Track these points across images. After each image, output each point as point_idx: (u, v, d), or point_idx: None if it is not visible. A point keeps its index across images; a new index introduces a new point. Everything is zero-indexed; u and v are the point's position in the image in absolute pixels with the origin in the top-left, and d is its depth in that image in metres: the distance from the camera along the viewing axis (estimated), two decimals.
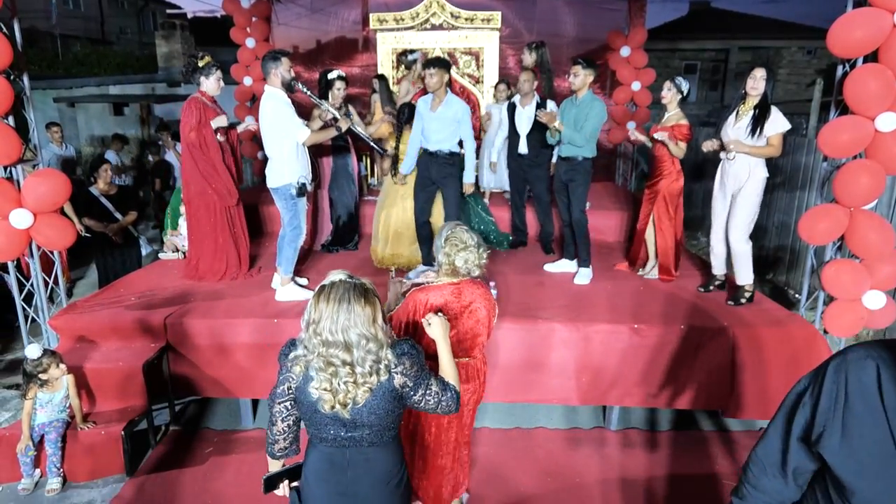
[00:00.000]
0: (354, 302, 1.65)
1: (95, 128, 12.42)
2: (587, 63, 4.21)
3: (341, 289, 1.66)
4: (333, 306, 1.64)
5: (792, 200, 6.02)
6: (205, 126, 4.12)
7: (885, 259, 3.47)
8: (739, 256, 3.99)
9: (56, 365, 3.22)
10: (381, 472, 1.79)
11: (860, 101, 3.24)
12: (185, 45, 14.49)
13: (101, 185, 5.22)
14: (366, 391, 1.68)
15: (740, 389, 3.59)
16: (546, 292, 4.22)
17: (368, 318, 1.66)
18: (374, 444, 1.77)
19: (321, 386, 1.67)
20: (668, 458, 3.49)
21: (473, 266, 2.37)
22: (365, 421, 1.72)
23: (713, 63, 20.36)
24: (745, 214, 3.90)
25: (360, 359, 1.66)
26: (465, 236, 2.37)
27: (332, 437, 1.74)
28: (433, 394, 1.81)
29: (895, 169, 3.37)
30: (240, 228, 4.52)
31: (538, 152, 4.99)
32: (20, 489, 3.18)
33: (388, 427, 1.78)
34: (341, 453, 1.76)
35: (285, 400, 1.79)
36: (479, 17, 6.74)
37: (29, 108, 3.92)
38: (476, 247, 2.37)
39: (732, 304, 3.99)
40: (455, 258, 2.35)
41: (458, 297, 2.36)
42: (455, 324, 2.34)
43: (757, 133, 3.72)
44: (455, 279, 2.40)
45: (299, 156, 3.96)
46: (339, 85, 5.00)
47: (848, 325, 3.59)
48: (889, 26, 3.11)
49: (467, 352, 2.48)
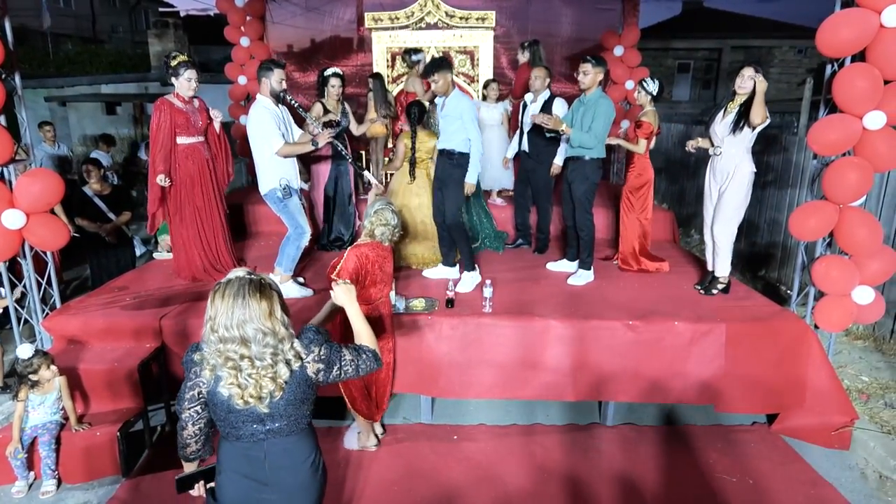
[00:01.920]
0: (249, 297, 1.68)
1: (88, 127, 12.35)
2: (597, 61, 4.13)
3: (236, 285, 1.70)
4: (228, 302, 1.68)
5: (783, 197, 6.07)
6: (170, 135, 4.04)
7: (874, 255, 3.52)
8: (721, 248, 4.06)
9: (47, 366, 3.19)
10: (299, 458, 1.84)
11: (848, 99, 3.29)
12: (178, 43, 14.42)
13: (94, 185, 5.20)
14: (280, 384, 1.72)
15: (732, 384, 3.63)
16: (542, 290, 4.25)
17: (264, 312, 1.68)
18: (291, 433, 1.81)
19: (227, 382, 1.70)
20: (663, 452, 3.52)
21: (385, 239, 3.21)
22: (282, 412, 1.76)
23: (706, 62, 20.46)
24: (729, 207, 3.95)
25: (259, 353, 1.69)
26: (388, 216, 3.20)
27: (249, 433, 1.78)
28: (348, 362, 1.87)
29: (883, 166, 3.43)
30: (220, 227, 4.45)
31: (539, 150, 4.92)
32: (14, 492, 3.16)
33: (304, 415, 1.84)
34: (258, 447, 1.80)
35: (195, 404, 1.81)
36: (473, 16, 6.75)
37: (20, 107, 3.90)
38: (394, 227, 3.21)
39: (703, 293, 4.09)
40: (375, 229, 3.17)
41: (376, 251, 3.17)
42: (378, 267, 3.15)
43: (739, 127, 3.77)
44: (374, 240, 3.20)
45: (281, 160, 4.00)
46: (333, 82, 5.00)
47: (838, 320, 3.64)
48: (876, 26, 3.16)
49: (383, 291, 3.26)
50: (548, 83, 4.92)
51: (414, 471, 3.30)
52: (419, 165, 4.69)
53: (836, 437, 3.57)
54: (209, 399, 1.78)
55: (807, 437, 3.64)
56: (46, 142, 7.10)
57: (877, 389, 4.01)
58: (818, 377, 3.62)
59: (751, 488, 3.20)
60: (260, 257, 5.06)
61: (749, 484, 3.23)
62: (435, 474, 3.28)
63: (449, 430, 3.73)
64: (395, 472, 3.29)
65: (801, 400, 3.66)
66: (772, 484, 3.23)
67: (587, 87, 4.17)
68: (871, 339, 4.73)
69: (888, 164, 3.44)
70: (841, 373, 4.09)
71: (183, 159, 4.17)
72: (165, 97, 4.10)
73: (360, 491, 3.13)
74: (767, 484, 3.23)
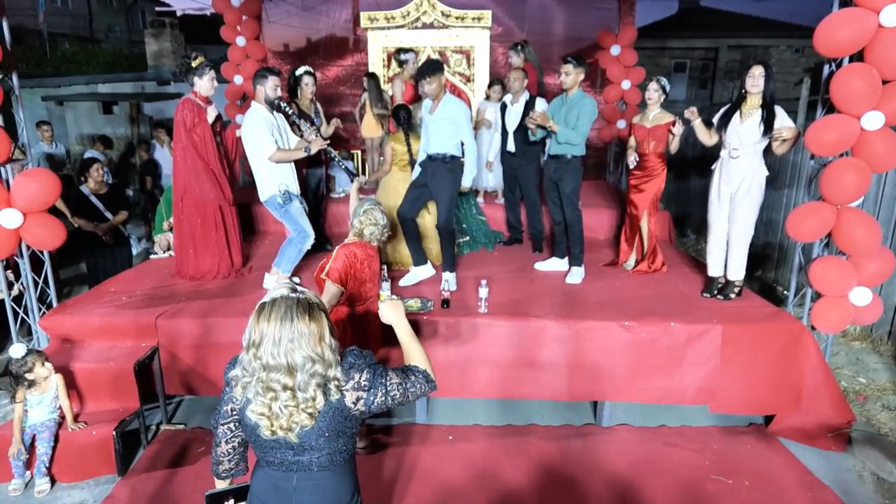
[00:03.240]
0: (298, 320, 1.51)
1: (84, 126, 12.31)
2: (577, 61, 4.22)
3: (283, 306, 1.53)
4: (275, 326, 1.51)
5: (780, 198, 6.07)
6: (200, 126, 4.08)
7: (872, 255, 3.52)
8: (739, 254, 4.02)
9: (41, 364, 3.19)
10: (330, 499, 1.67)
11: (846, 99, 3.28)
12: (174, 43, 14.39)
13: (91, 185, 5.19)
14: (312, 414, 1.55)
15: (728, 385, 3.63)
16: (538, 290, 4.25)
17: (315, 336, 1.52)
18: (324, 468, 1.64)
19: (258, 410, 1.54)
20: (658, 453, 3.52)
21: (374, 238, 3.18)
22: (313, 444, 1.60)
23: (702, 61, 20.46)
24: (749, 212, 3.91)
25: (304, 383, 1.52)
26: (377, 216, 3.17)
27: (279, 460, 1.63)
28: (395, 386, 1.66)
29: (881, 167, 3.42)
30: (232, 228, 4.49)
31: (525, 149, 5.01)
32: (10, 490, 3.16)
33: (340, 450, 1.65)
34: (288, 478, 1.64)
35: (229, 421, 1.69)
36: (469, 15, 6.75)
37: (18, 106, 3.89)
38: (383, 227, 3.18)
39: (722, 298, 4.05)
40: (364, 228, 3.15)
41: (364, 250, 3.14)
42: (367, 265, 3.12)
43: (769, 132, 3.72)
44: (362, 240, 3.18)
45: (278, 166, 4.01)
46: (306, 80, 5.01)
47: (835, 321, 3.64)
48: (874, 26, 3.15)
49: (373, 290, 3.26)
50: (525, 84, 5.03)
51: (409, 471, 3.30)
52: (405, 169, 4.69)
53: (833, 439, 3.57)
54: (241, 416, 1.64)
55: (803, 438, 3.64)
56: (44, 141, 7.07)
57: (874, 391, 4.01)
58: (815, 379, 3.62)
59: (747, 490, 3.20)
60: (267, 254, 5.01)
61: (745, 486, 3.23)
62: (430, 475, 3.28)
63: (445, 431, 3.73)
64: (390, 473, 3.29)
65: (798, 401, 3.66)
66: (768, 486, 3.23)
67: (569, 87, 4.25)
68: (868, 341, 4.74)
69: (886, 165, 3.43)
70: (838, 374, 4.10)
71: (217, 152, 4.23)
72: (188, 97, 4.13)
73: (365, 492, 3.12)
74: (763, 486, 3.23)
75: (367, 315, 3.22)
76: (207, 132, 4.12)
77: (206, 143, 4.14)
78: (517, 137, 5.02)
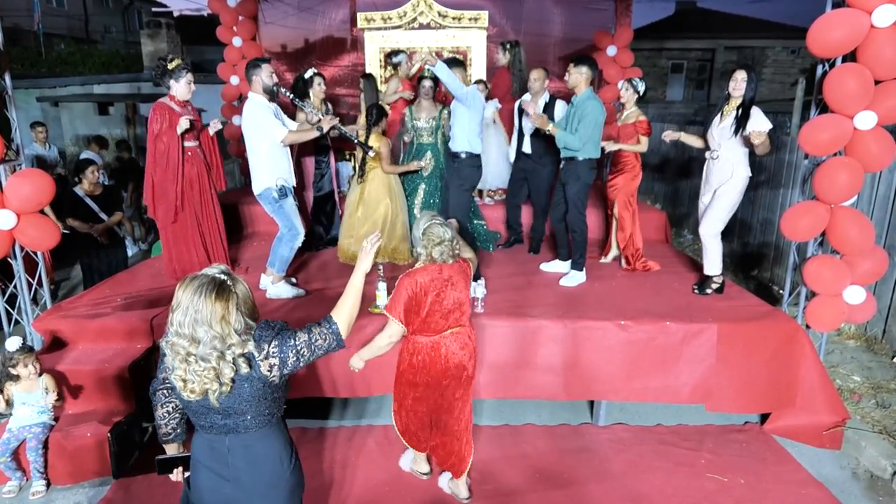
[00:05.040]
0: (206, 297, 1.66)
1: (80, 127, 12.28)
2: (577, 61, 4.13)
3: (197, 282, 1.69)
4: (187, 298, 1.67)
5: (776, 197, 6.09)
6: (167, 134, 3.97)
7: (866, 254, 3.54)
8: (709, 248, 4.09)
9: (26, 364, 3.15)
10: (262, 457, 1.82)
11: (839, 99, 3.30)
12: (170, 43, 14.38)
13: (86, 186, 5.18)
14: (226, 382, 1.69)
15: (724, 384, 3.64)
16: (535, 290, 4.25)
17: (216, 315, 1.66)
18: (250, 429, 1.79)
19: (176, 374, 1.71)
20: (654, 452, 3.52)
21: (448, 256, 2.75)
22: (238, 409, 1.75)
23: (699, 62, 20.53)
24: (720, 209, 3.96)
25: (206, 354, 1.67)
26: (439, 231, 2.73)
27: (210, 424, 1.79)
28: (303, 345, 1.79)
29: (874, 166, 3.44)
30: (215, 229, 4.41)
31: (542, 153, 4.88)
32: (5, 492, 3.16)
33: (265, 412, 1.80)
34: (220, 440, 1.81)
35: (163, 387, 1.92)
36: (466, 16, 6.75)
37: (11, 107, 3.88)
38: (449, 241, 2.73)
39: (698, 293, 4.11)
40: (432, 251, 2.73)
41: (439, 273, 2.74)
42: (442, 296, 2.72)
43: (739, 132, 3.76)
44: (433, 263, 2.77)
45: (277, 159, 3.98)
46: (318, 81, 5.01)
47: (829, 320, 3.66)
48: (867, 26, 3.17)
49: (458, 320, 2.81)
50: (546, 84, 4.90)
51: (405, 471, 3.29)
52: (369, 171, 4.71)
53: (828, 437, 3.58)
54: (172, 384, 1.79)
55: (798, 436, 3.66)
56: (38, 142, 7.05)
57: (868, 389, 4.03)
58: (810, 377, 3.63)
59: (742, 488, 3.21)
60: (255, 257, 5.04)
61: (740, 484, 3.24)
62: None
63: None
64: (386, 473, 3.28)
65: (793, 400, 3.68)
66: (763, 484, 3.24)
67: (573, 87, 4.18)
68: (862, 339, 4.76)
69: (879, 164, 3.46)
70: (833, 373, 4.11)
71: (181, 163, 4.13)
72: (162, 101, 4.03)
73: (349, 492, 3.12)
74: (759, 484, 3.24)
75: (435, 351, 2.80)
76: (174, 142, 3.99)
77: (170, 152, 4.00)
78: (535, 140, 4.91)
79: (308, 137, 4.14)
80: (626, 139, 4.52)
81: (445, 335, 2.79)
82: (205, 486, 1.84)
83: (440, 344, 2.79)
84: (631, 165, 4.59)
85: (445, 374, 2.80)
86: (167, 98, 4.04)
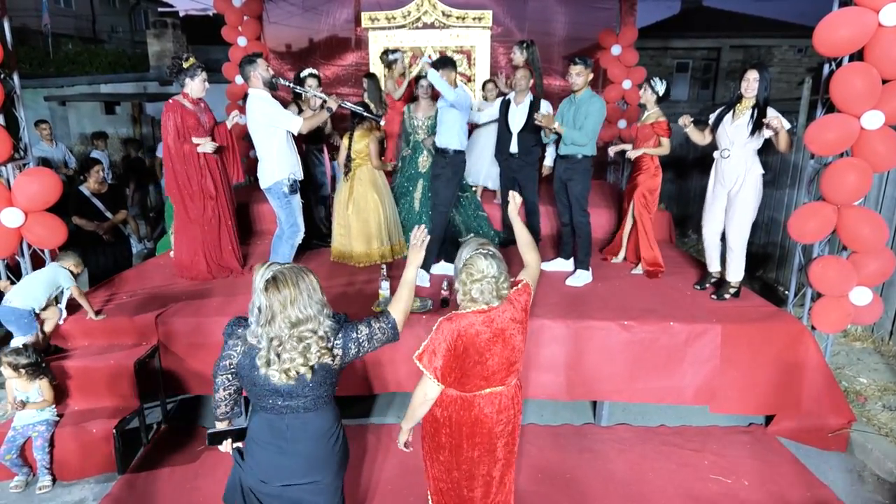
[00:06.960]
0: (300, 280, 1.85)
1: (87, 126, 12.33)
2: (585, 62, 4.21)
3: (285, 272, 1.86)
4: (288, 289, 1.82)
5: (781, 198, 6.06)
6: (183, 136, 4.05)
7: (874, 254, 3.51)
8: (736, 254, 4.02)
9: (12, 368, 3.12)
10: (318, 431, 1.98)
11: (846, 99, 3.28)
12: (176, 43, 14.41)
13: (91, 185, 5.21)
14: (308, 367, 1.85)
15: (728, 385, 3.62)
16: (537, 289, 4.23)
17: (315, 295, 1.87)
18: (309, 409, 1.95)
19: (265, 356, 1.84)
20: (658, 453, 3.51)
21: (491, 297, 2.09)
22: (300, 393, 1.90)
23: (705, 62, 20.43)
24: (745, 213, 3.91)
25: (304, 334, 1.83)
26: (482, 264, 2.08)
27: (271, 406, 1.93)
28: (365, 337, 1.97)
29: (881, 166, 3.41)
30: (226, 229, 4.45)
31: (528, 151, 4.93)
32: (12, 487, 3.19)
33: (322, 395, 1.96)
34: (280, 419, 1.95)
35: (226, 372, 2.03)
36: (470, 15, 6.76)
37: (19, 106, 3.90)
38: (494, 277, 2.08)
39: (716, 298, 4.06)
40: (471, 289, 2.10)
41: (489, 325, 2.10)
42: (488, 354, 2.11)
43: (758, 133, 3.73)
44: (483, 306, 2.13)
45: (288, 153, 3.99)
46: (310, 82, 5.04)
47: (835, 321, 3.63)
48: (874, 25, 3.15)
49: (501, 380, 2.21)
50: (531, 83, 4.99)
51: (408, 470, 3.29)
52: (355, 168, 4.75)
53: (833, 440, 3.56)
54: (238, 370, 1.97)
55: (803, 438, 3.64)
56: (43, 140, 7.07)
57: (875, 391, 4.00)
58: (815, 379, 3.61)
59: (746, 490, 3.19)
60: (265, 254, 5.03)
61: (744, 486, 3.22)
62: None
63: None
64: (389, 472, 3.29)
65: (798, 401, 3.66)
66: (767, 486, 3.22)
67: (579, 88, 4.24)
68: (869, 341, 4.72)
69: (887, 165, 3.43)
70: (838, 374, 4.09)
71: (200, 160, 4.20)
72: (175, 99, 4.09)
73: (353, 491, 3.13)
74: (763, 486, 3.22)
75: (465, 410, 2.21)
76: (192, 148, 4.08)
77: (189, 154, 4.10)
78: (521, 139, 4.94)
79: (321, 120, 4.24)
80: (643, 141, 4.51)
81: (481, 394, 2.21)
82: (262, 458, 1.98)
83: (473, 403, 2.21)
84: (646, 166, 4.56)
85: (472, 440, 2.23)
86: (180, 96, 4.11)
